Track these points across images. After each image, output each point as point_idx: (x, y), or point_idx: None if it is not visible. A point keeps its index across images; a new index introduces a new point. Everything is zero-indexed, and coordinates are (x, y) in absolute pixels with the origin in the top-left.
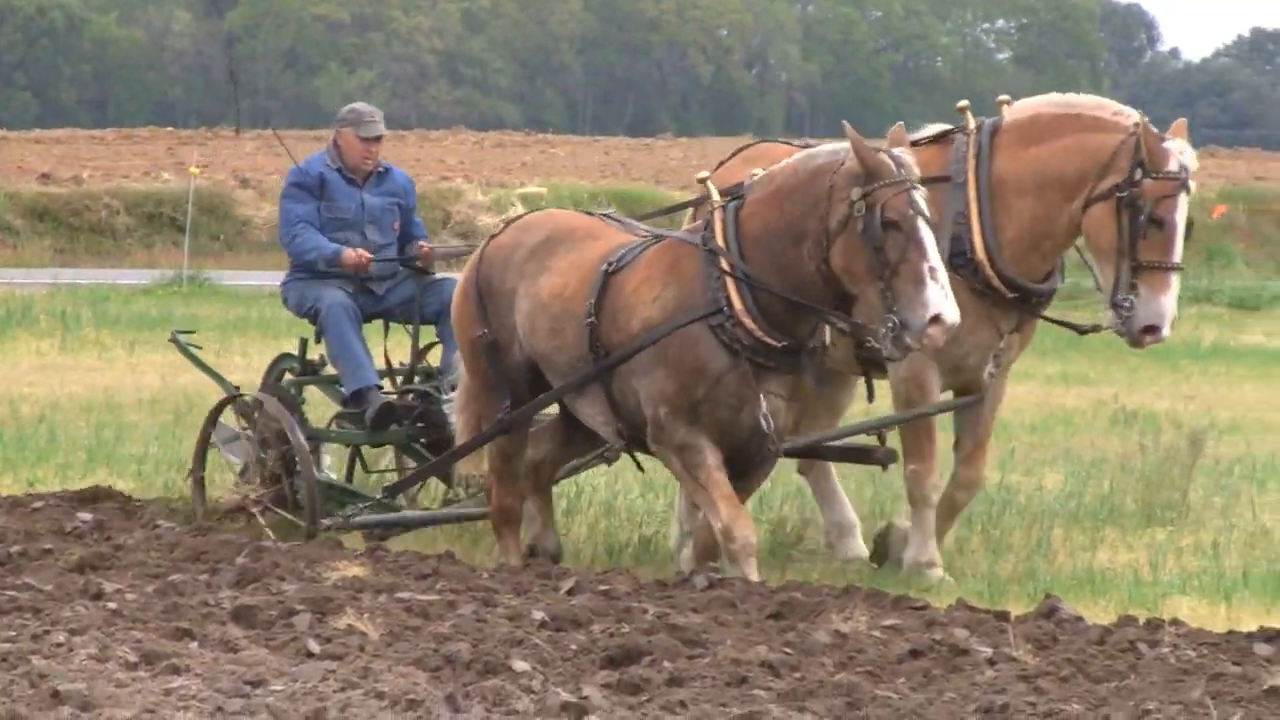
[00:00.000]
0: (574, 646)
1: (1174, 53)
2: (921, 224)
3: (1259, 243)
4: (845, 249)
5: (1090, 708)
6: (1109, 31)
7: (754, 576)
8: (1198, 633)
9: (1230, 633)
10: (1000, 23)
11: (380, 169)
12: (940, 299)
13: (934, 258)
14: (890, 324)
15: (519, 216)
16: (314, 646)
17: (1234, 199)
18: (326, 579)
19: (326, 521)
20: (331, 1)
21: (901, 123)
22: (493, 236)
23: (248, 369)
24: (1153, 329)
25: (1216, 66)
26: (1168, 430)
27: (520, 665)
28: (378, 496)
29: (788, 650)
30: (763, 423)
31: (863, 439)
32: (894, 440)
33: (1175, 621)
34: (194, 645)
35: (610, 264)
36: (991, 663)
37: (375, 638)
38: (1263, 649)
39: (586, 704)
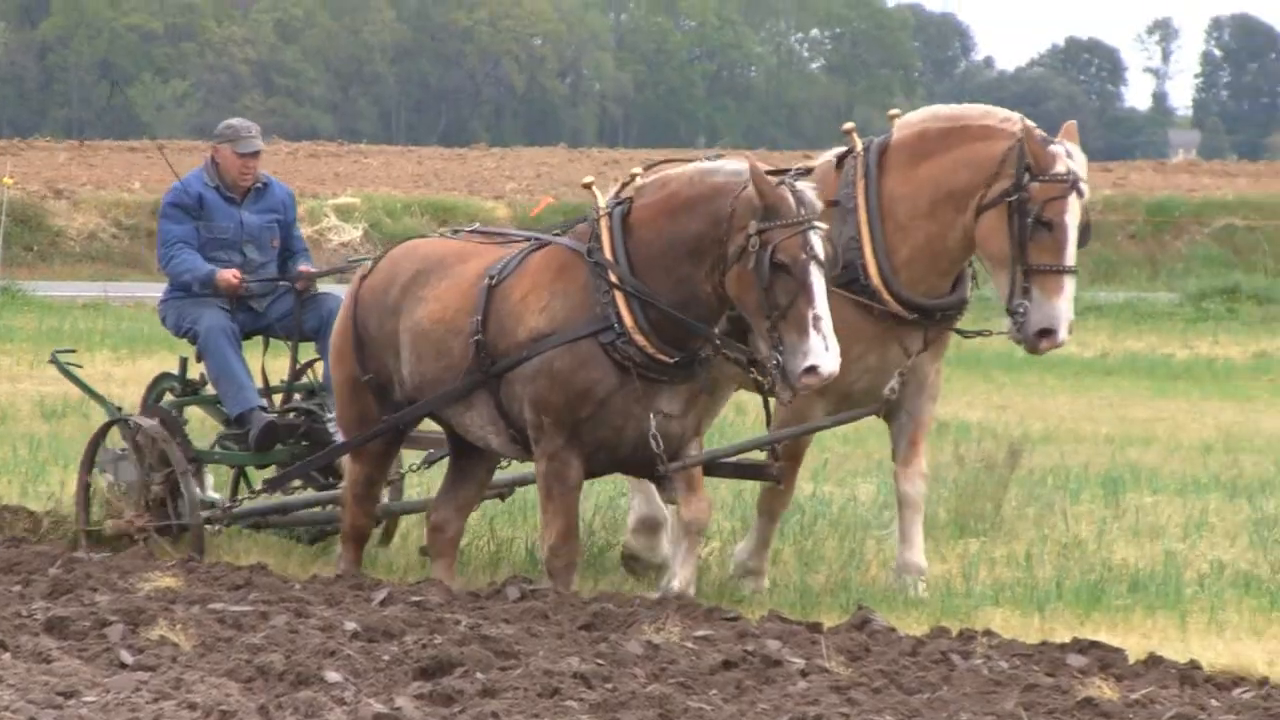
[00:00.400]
0: (386, 657)
1: (988, 62)
2: (813, 269)
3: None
4: (739, 280)
5: (903, 719)
6: (923, 41)
7: (570, 585)
8: (1011, 644)
9: (1043, 644)
10: (814, 32)
11: (260, 184)
12: (820, 351)
13: (820, 305)
14: (775, 363)
15: (383, 254)
16: (127, 658)
17: None
18: (139, 590)
19: (205, 514)
20: (144, 12)
21: (799, 169)
22: (363, 277)
23: (60, 380)
24: (1048, 332)
25: (1030, 75)
26: (982, 440)
27: (333, 676)
28: (257, 489)
29: (600, 661)
30: (652, 443)
31: (754, 456)
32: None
33: (988, 632)
34: (6, 656)
35: (492, 277)
36: (804, 674)
37: (188, 649)
38: (1076, 660)
39: (399, 715)
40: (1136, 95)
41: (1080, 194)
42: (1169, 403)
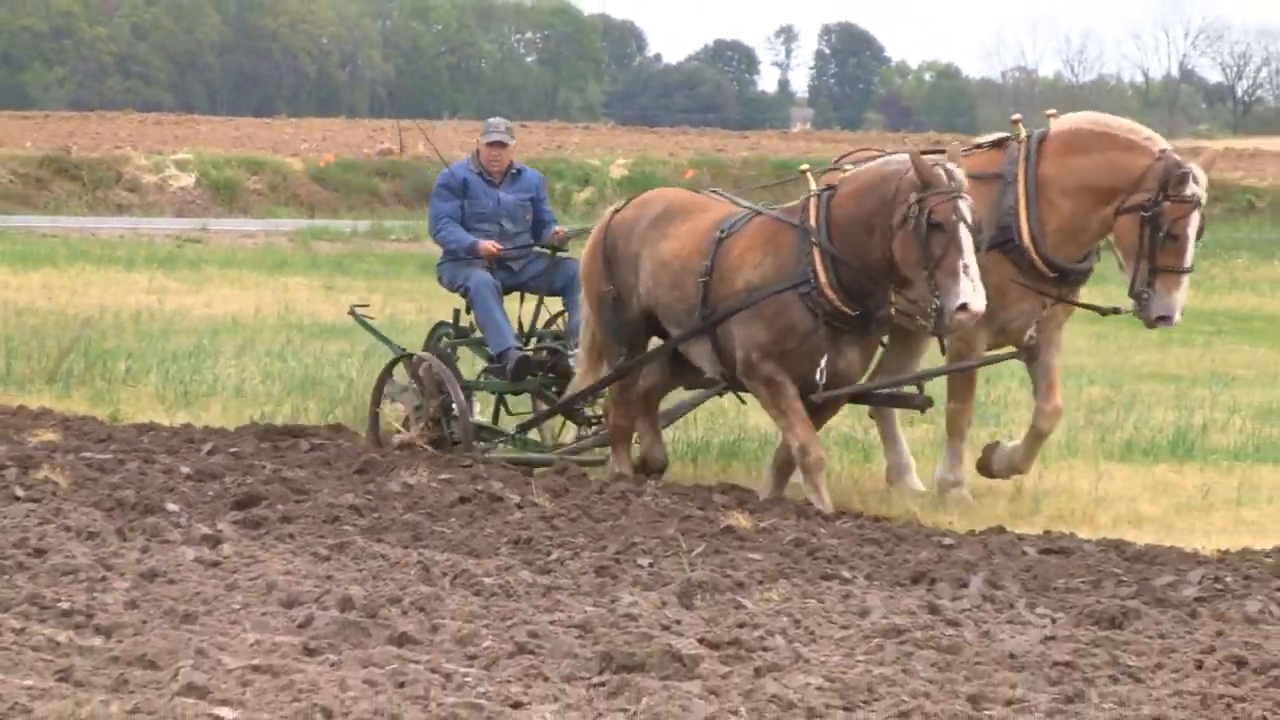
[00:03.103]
0: (211, 493)
1: (657, 57)
2: (962, 228)
3: None
4: (902, 242)
5: (592, 540)
6: (609, 41)
7: (824, 488)
8: (672, 485)
9: (696, 485)
10: (529, 33)
11: (515, 170)
12: (969, 291)
13: (969, 256)
14: (934, 307)
15: (634, 196)
16: (19, 493)
17: (700, 165)
18: (29, 443)
19: (474, 419)
20: (35, 15)
21: (956, 142)
22: (616, 210)
23: None
24: (1165, 318)
25: (689, 67)
26: None
27: (172, 507)
28: (512, 432)
29: (369, 496)
30: (819, 376)
31: (908, 388)
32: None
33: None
34: None
35: (722, 231)
36: (519, 507)
37: (65, 486)
38: (720, 498)
39: (220, 535)
40: (767, 82)
41: (1200, 207)
42: None
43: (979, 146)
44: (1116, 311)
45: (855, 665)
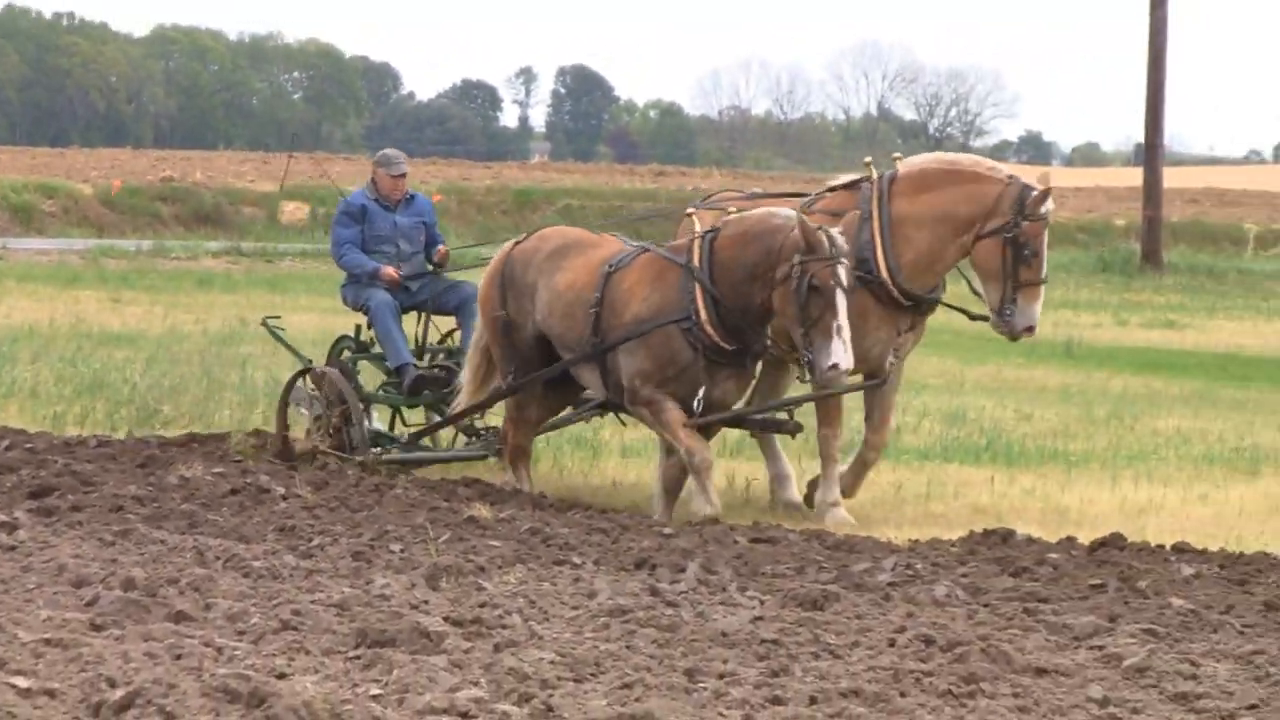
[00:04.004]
0: (8, 485)
1: (411, 95)
2: (839, 293)
3: (465, 222)
4: (781, 297)
5: (350, 528)
6: (368, 80)
7: (713, 489)
8: (423, 480)
9: (442, 480)
10: (296, 73)
11: (407, 196)
12: (840, 352)
13: (843, 318)
14: (806, 359)
15: (533, 231)
16: None
17: (448, 192)
18: None
19: (361, 458)
20: None
21: (828, 187)
22: (517, 242)
23: None
24: (1030, 329)
25: (439, 104)
26: None
27: None
28: (403, 439)
29: (150, 488)
30: (695, 405)
31: (779, 414)
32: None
33: (408, 473)
34: None
35: (611, 265)
36: (284, 498)
37: None
38: (464, 491)
39: (16, 522)
40: (509, 118)
41: (1048, 225)
42: None
43: (833, 189)
44: (985, 319)
45: (584, 642)
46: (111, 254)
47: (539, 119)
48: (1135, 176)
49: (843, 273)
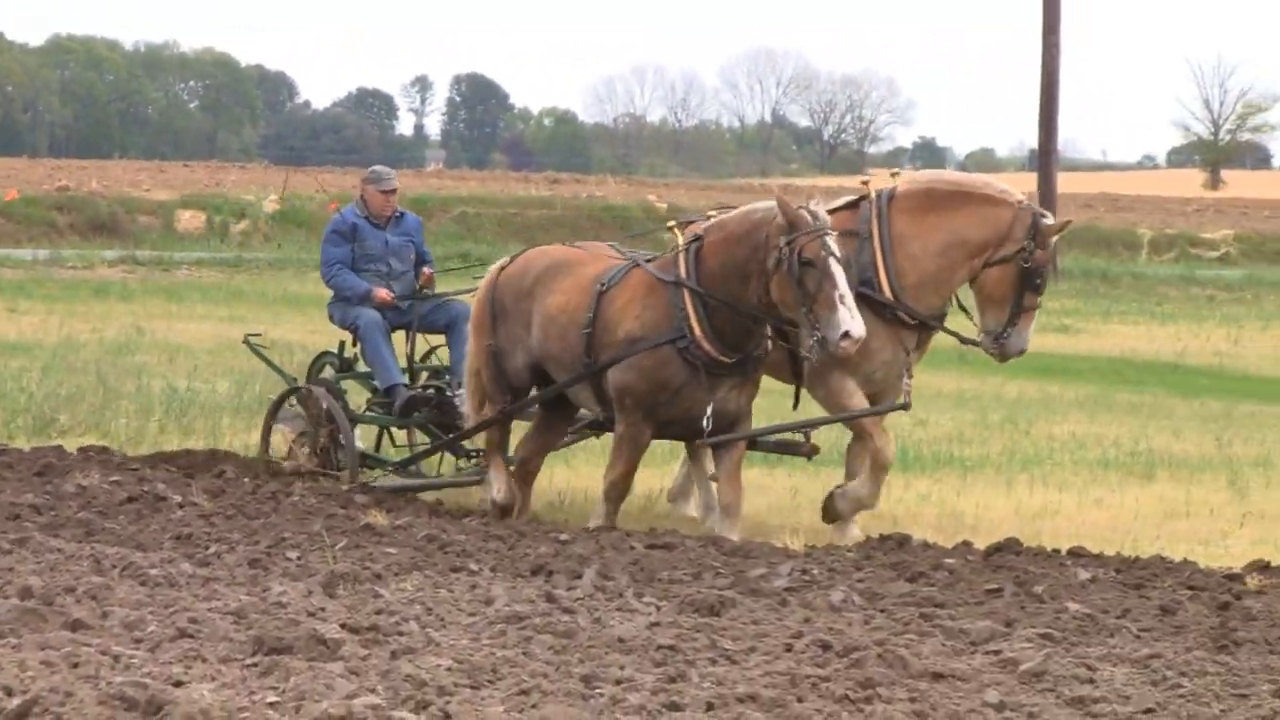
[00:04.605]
0: None
1: (306, 103)
2: (832, 262)
3: None
4: (778, 284)
5: (246, 535)
6: (264, 89)
7: (613, 515)
8: (320, 487)
9: (340, 487)
10: (192, 82)
11: (396, 214)
12: (849, 319)
13: (843, 286)
14: (815, 338)
15: (519, 254)
16: None
17: (344, 200)
18: None
19: (357, 483)
20: None
21: (818, 198)
22: (502, 267)
23: None
24: (1023, 351)
25: (334, 113)
26: (298, 353)
27: None
28: (395, 460)
29: (47, 496)
30: (704, 423)
31: (791, 436)
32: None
33: (302, 478)
34: None
35: (602, 284)
36: (181, 506)
37: None
38: (360, 499)
39: None
40: (404, 126)
41: None
42: None
43: (832, 210)
44: (976, 344)
45: (481, 648)
46: (7, 263)
47: (434, 127)
48: (1029, 182)
49: (831, 243)
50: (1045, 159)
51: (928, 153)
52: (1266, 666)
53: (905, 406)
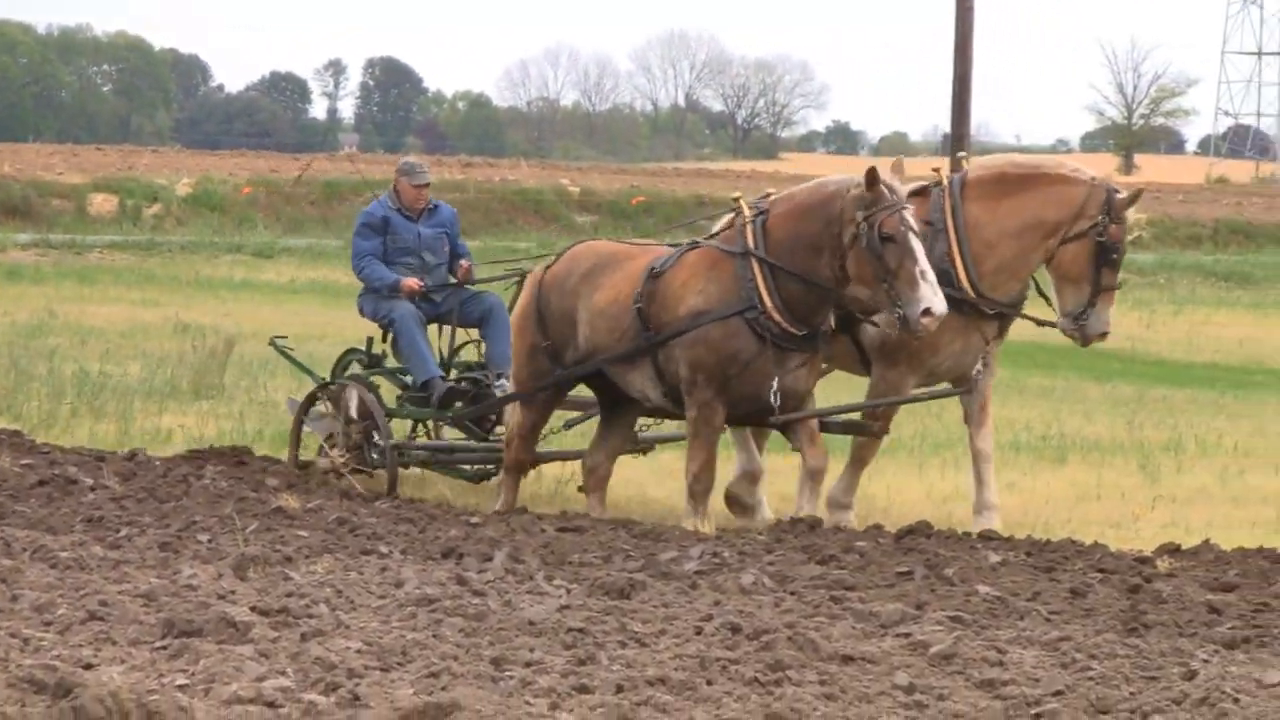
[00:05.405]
0: None
1: (220, 87)
2: (912, 237)
3: (274, 214)
4: (856, 259)
5: (157, 519)
6: (177, 72)
7: (706, 512)
8: (232, 470)
9: (250, 470)
10: (105, 65)
11: (430, 206)
12: (930, 296)
13: (924, 262)
14: (896, 314)
15: (568, 248)
16: None
17: (257, 185)
18: None
19: (393, 441)
20: None
21: (900, 157)
22: (548, 266)
23: None
24: (1104, 334)
25: (248, 97)
26: (209, 336)
27: None
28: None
29: None
30: (772, 398)
31: (856, 416)
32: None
33: (214, 462)
34: None
35: (654, 268)
36: (93, 489)
37: None
38: (272, 481)
39: None
40: (318, 110)
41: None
42: (335, 313)
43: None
44: (1053, 325)
45: (391, 631)
46: None
47: (348, 111)
48: (942, 166)
49: (910, 218)
50: (958, 143)
51: (841, 137)
52: (1175, 649)
53: (969, 391)
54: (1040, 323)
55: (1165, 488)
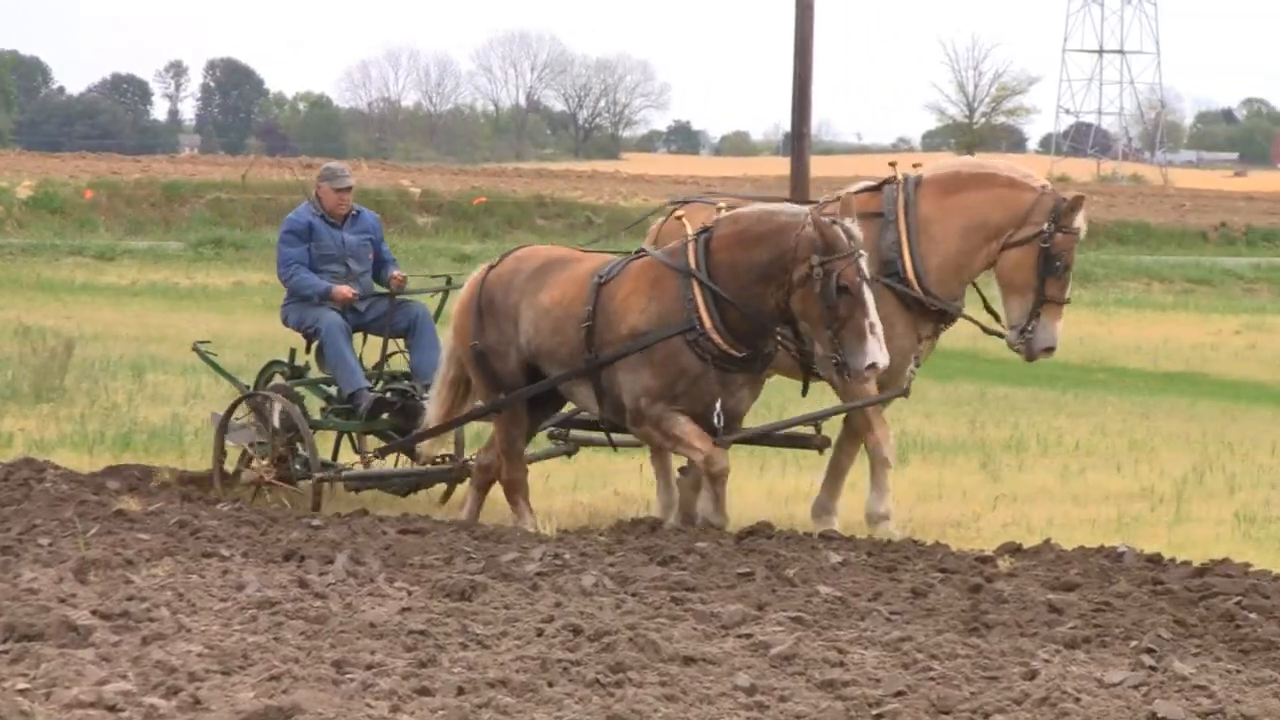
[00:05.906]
0: None
1: (61, 89)
2: (866, 289)
3: (114, 216)
4: (803, 300)
5: None
6: (18, 74)
7: (725, 498)
8: (71, 474)
9: (92, 473)
10: None
11: (354, 211)
12: (876, 351)
13: (873, 314)
14: (835, 361)
15: (511, 251)
16: None
17: (98, 187)
18: None
19: (319, 475)
20: None
21: (850, 191)
22: (491, 266)
23: None
24: (1050, 349)
25: (89, 98)
26: (48, 338)
27: None
28: (367, 457)
29: None
30: (715, 420)
31: (801, 429)
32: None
33: (54, 465)
34: None
35: (601, 276)
36: None
37: None
38: (113, 484)
39: None
40: (159, 111)
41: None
42: (176, 315)
43: (857, 192)
44: (1000, 335)
45: (233, 634)
46: None
47: (189, 112)
48: (784, 166)
49: (865, 267)
50: (799, 142)
51: (682, 136)
52: (1016, 649)
53: (905, 393)
54: (987, 331)
55: (1006, 486)
